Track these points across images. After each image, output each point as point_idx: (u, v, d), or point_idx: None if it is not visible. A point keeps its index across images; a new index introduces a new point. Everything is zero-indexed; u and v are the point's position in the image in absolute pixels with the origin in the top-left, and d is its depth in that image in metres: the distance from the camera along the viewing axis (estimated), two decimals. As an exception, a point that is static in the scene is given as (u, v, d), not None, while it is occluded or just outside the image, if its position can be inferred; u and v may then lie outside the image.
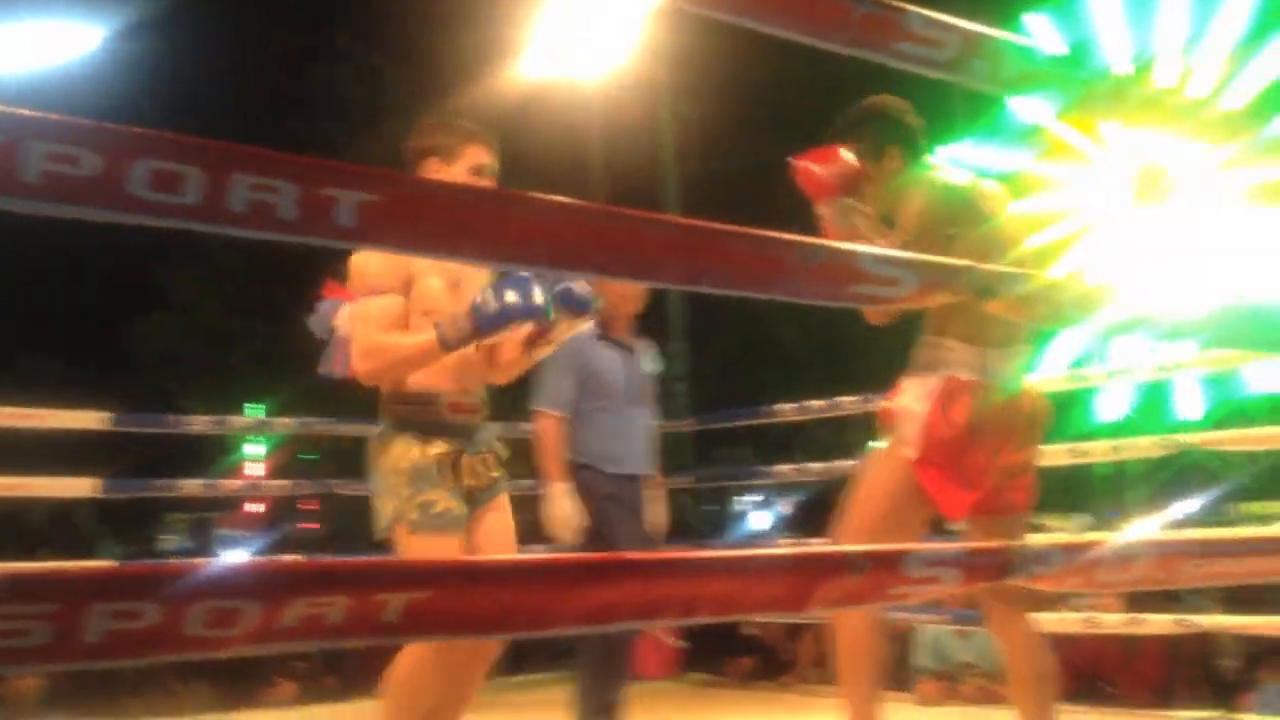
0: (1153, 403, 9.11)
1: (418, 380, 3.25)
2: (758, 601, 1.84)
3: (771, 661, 6.58)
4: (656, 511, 4.77)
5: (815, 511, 7.35)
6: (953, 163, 4.29)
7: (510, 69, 10.02)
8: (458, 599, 1.50)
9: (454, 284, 3.32)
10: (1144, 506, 10.89)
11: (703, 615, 1.78)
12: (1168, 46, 7.20)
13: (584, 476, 4.52)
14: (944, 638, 6.03)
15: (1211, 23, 7.16)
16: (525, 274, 3.03)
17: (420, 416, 3.24)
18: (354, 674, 6.36)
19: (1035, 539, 2.31)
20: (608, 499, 4.54)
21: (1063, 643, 5.70)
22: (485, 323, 3.04)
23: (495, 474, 3.37)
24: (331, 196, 1.43)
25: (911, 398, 3.23)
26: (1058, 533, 7.33)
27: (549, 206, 1.59)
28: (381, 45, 16.24)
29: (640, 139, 12.52)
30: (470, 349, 3.22)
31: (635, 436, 4.67)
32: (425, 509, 3.15)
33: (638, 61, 10.35)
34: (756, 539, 11.13)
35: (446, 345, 3.09)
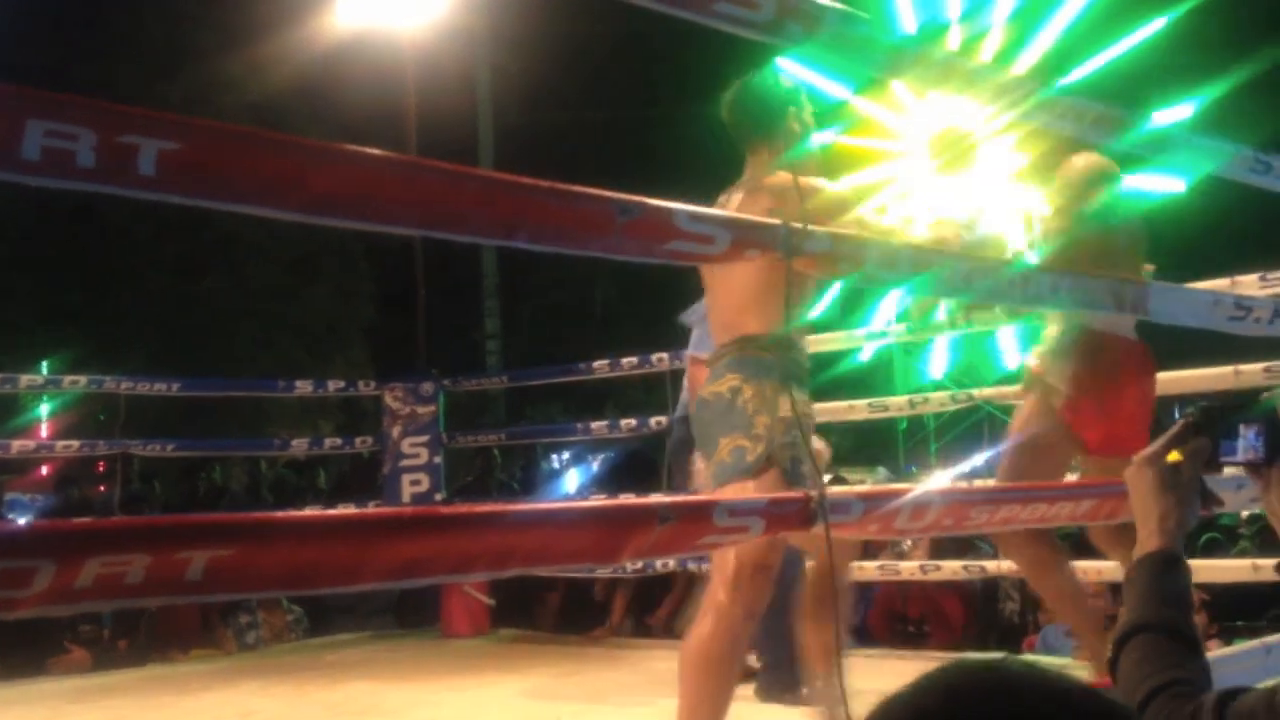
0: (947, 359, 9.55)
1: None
2: (569, 553, 1.87)
3: (584, 603, 6.64)
4: None
5: (629, 468, 7.44)
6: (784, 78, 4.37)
7: (322, 15, 9.73)
8: (262, 555, 1.48)
9: None
10: (942, 460, 11.37)
11: (514, 568, 1.79)
12: (956, 13, 7.48)
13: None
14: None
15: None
16: None
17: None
18: (148, 638, 6.18)
19: (836, 489, 2.40)
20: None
21: (879, 589, 5.97)
22: None
23: None
24: (133, 144, 1.37)
25: (1055, 350, 3.50)
26: (859, 484, 7.60)
27: (358, 158, 1.56)
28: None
29: (456, 90, 12.34)
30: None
31: None
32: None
33: (454, 10, 10.18)
34: (571, 497, 11.20)
35: None
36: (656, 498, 2.05)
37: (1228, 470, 1.60)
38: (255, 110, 12.00)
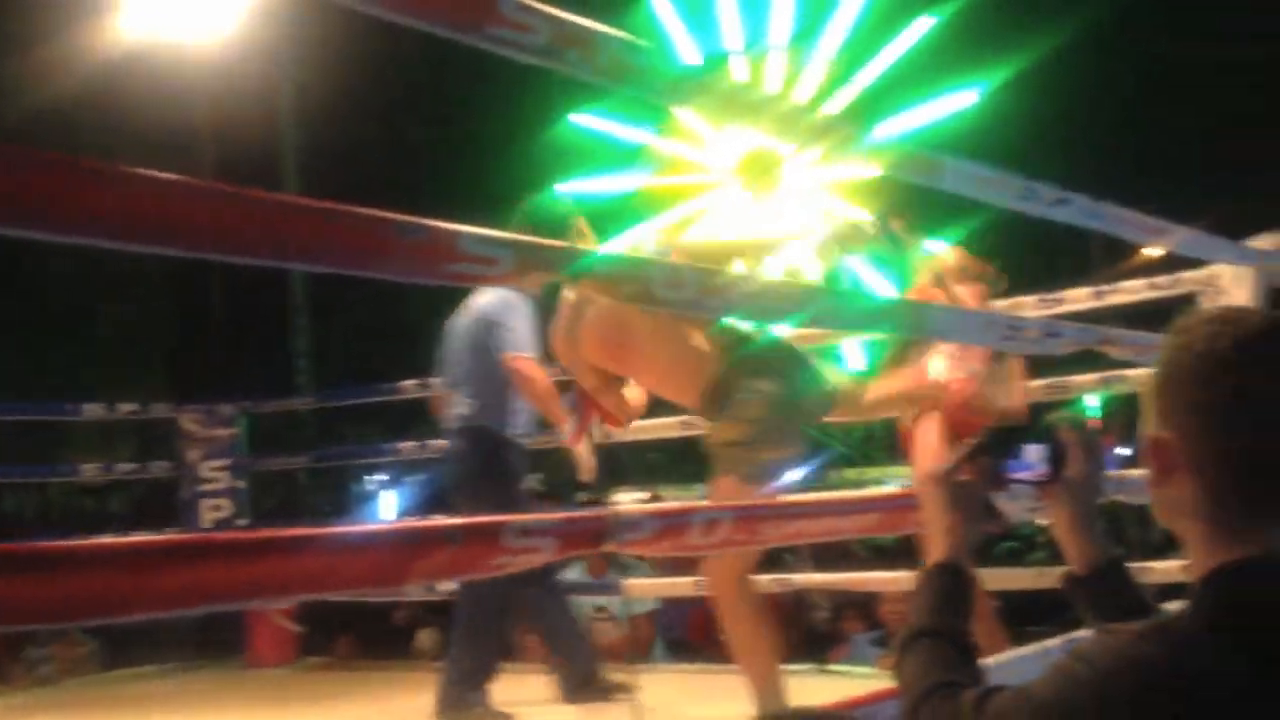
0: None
1: None
2: (355, 577, 1.84)
3: (389, 629, 6.54)
4: None
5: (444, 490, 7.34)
6: (575, 196, 4.63)
7: (110, 25, 9.34)
8: (32, 587, 1.42)
9: None
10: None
11: (297, 594, 1.76)
12: (737, 44, 7.70)
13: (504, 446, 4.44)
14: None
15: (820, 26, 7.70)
16: None
17: None
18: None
19: (628, 508, 2.43)
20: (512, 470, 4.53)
21: (685, 605, 6.03)
22: None
23: None
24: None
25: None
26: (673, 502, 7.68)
27: (121, 178, 1.50)
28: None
29: (257, 107, 12.01)
30: None
31: None
32: None
33: (254, 26, 9.94)
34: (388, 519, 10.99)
35: None
36: (446, 519, 2.04)
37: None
38: (36, 123, 11.43)
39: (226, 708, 5.25)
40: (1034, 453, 1.62)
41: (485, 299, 4.45)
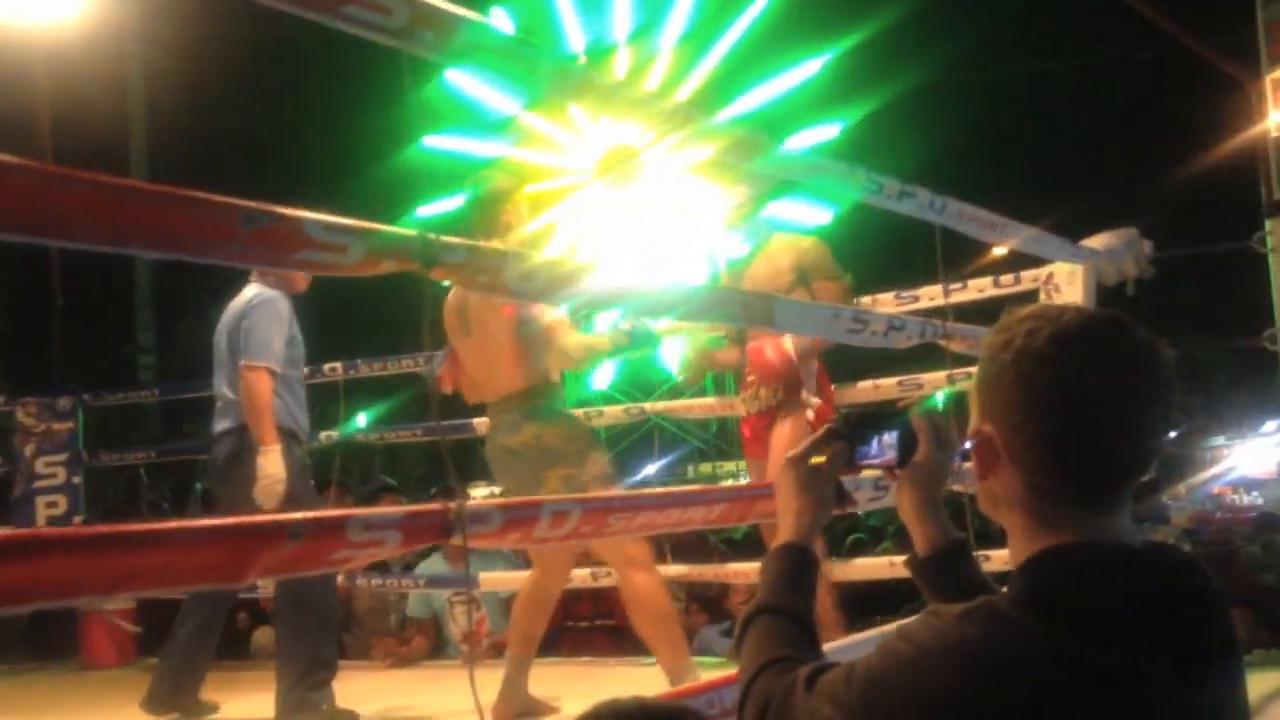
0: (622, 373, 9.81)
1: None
2: (193, 572, 1.79)
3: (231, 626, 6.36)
4: None
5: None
6: (434, 152, 4.66)
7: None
8: None
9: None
10: (616, 469, 11.65)
11: (131, 590, 1.70)
12: (621, 36, 7.75)
13: (290, 444, 4.24)
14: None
15: (664, 14, 7.77)
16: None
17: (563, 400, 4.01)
18: None
19: (475, 501, 2.42)
20: (306, 469, 4.46)
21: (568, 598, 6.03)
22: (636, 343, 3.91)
23: None
24: None
25: None
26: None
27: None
28: None
29: (107, 92, 11.60)
30: None
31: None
32: (604, 465, 3.91)
33: (102, 6, 9.57)
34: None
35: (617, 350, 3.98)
36: (286, 514, 1.99)
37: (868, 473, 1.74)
38: None
39: (63, 709, 5.06)
40: (886, 439, 1.67)
41: (242, 298, 4.37)
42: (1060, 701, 1.19)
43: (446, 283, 2.18)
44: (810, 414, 4.48)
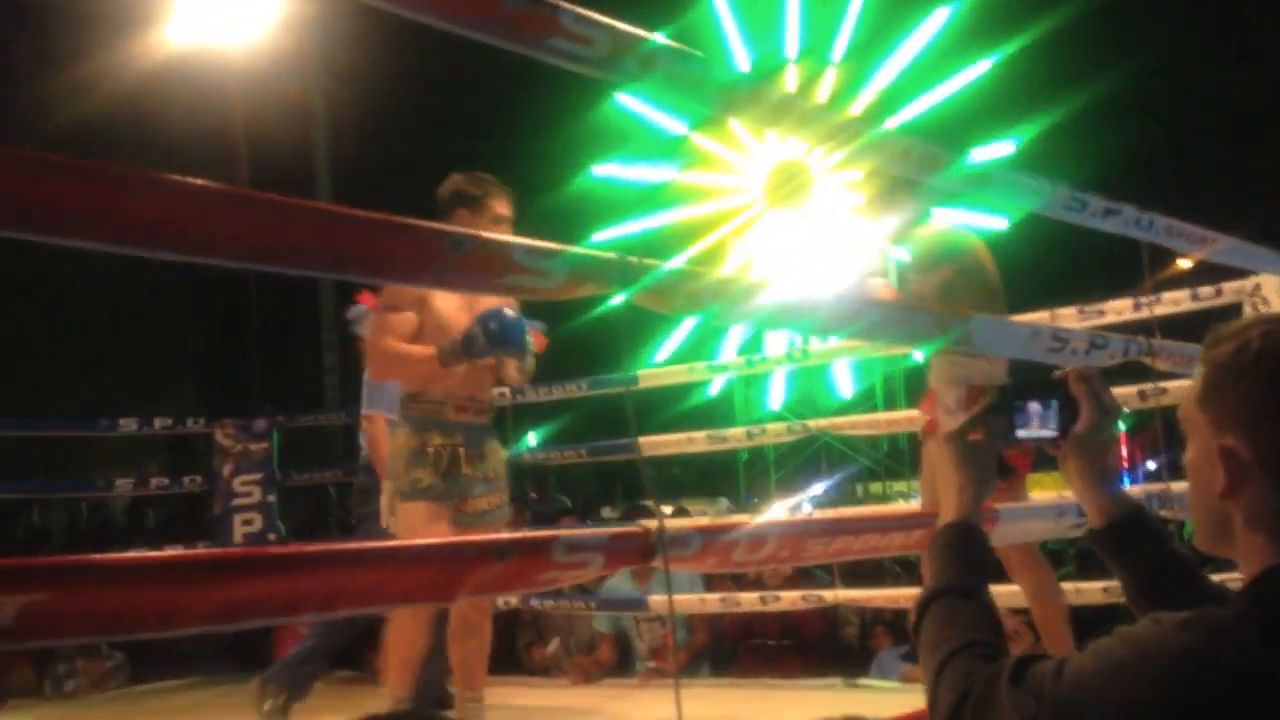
0: (791, 390, 9.75)
1: (430, 384, 3.79)
2: (405, 592, 1.82)
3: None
4: None
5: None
6: (609, 180, 4.71)
7: (147, 39, 9.42)
8: (78, 599, 1.41)
9: (468, 305, 3.73)
10: (782, 490, 11.57)
11: (345, 609, 1.75)
12: (793, 53, 7.73)
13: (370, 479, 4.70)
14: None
15: (836, 33, 7.73)
16: (510, 312, 3.61)
17: (427, 414, 3.80)
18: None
19: (675, 522, 2.41)
20: None
21: (727, 618, 6.03)
22: (475, 352, 3.61)
23: (494, 491, 3.90)
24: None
25: (951, 402, 3.75)
26: (699, 516, 7.67)
27: (178, 189, 1.49)
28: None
29: (290, 119, 12.08)
30: (482, 366, 3.80)
31: None
32: (415, 483, 3.74)
33: (285, 40, 10.00)
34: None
35: (444, 363, 3.64)
36: (495, 535, 2.03)
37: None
38: (76, 136, 11.53)
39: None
40: (1046, 409, 1.63)
41: None
42: None
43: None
44: None
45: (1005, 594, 5.11)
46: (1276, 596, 1.19)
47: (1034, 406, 1.63)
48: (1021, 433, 1.64)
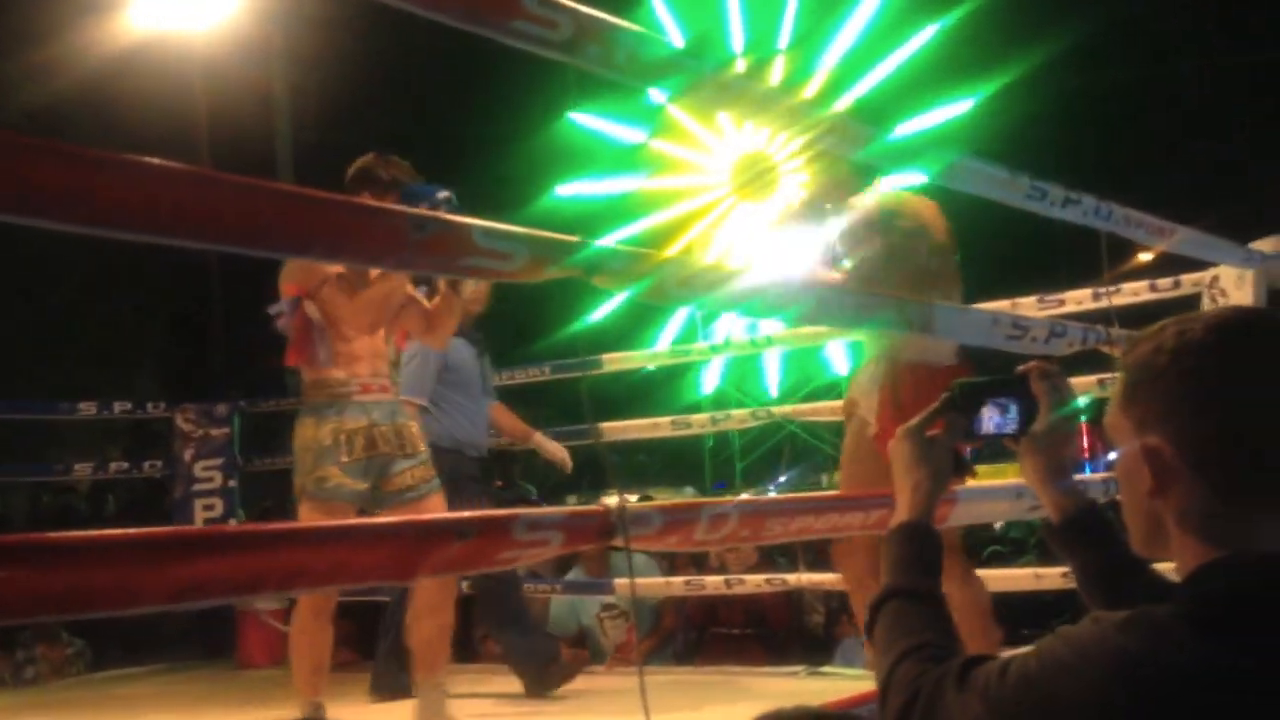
0: (749, 377, 9.76)
1: (334, 368, 3.71)
2: (364, 570, 1.83)
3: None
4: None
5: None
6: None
7: (109, 21, 9.32)
8: (32, 579, 1.41)
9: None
10: (747, 478, 11.60)
11: (304, 587, 1.76)
12: (781, 44, 7.76)
13: (452, 460, 4.60)
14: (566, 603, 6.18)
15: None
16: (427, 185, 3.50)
17: (332, 399, 3.71)
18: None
19: (635, 504, 2.43)
20: (473, 480, 4.80)
21: (687, 603, 6.05)
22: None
23: (417, 465, 3.81)
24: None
25: (867, 382, 3.62)
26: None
27: (145, 170, 1.50)
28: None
29: (251, 106, 12.00)
30: (378, 340, 3.77)
31: (484, 423, 5.04)
32: (320, 482, 3.60)
33: (247, 26, 9.92)
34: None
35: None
36: (455, 514, 2.04)
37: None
38: (34, 118, 11.40)
39: (217, 708, 5.22)
40: (1004, 406, 1.63)
41: None
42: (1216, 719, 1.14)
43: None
44: None
45: (997, 578, 5.18)
46: (1209, 593, 1.21)
47: (994, 402, 1.63)
48: (981, 429, 1.63)
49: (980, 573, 5.00)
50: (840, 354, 5.65)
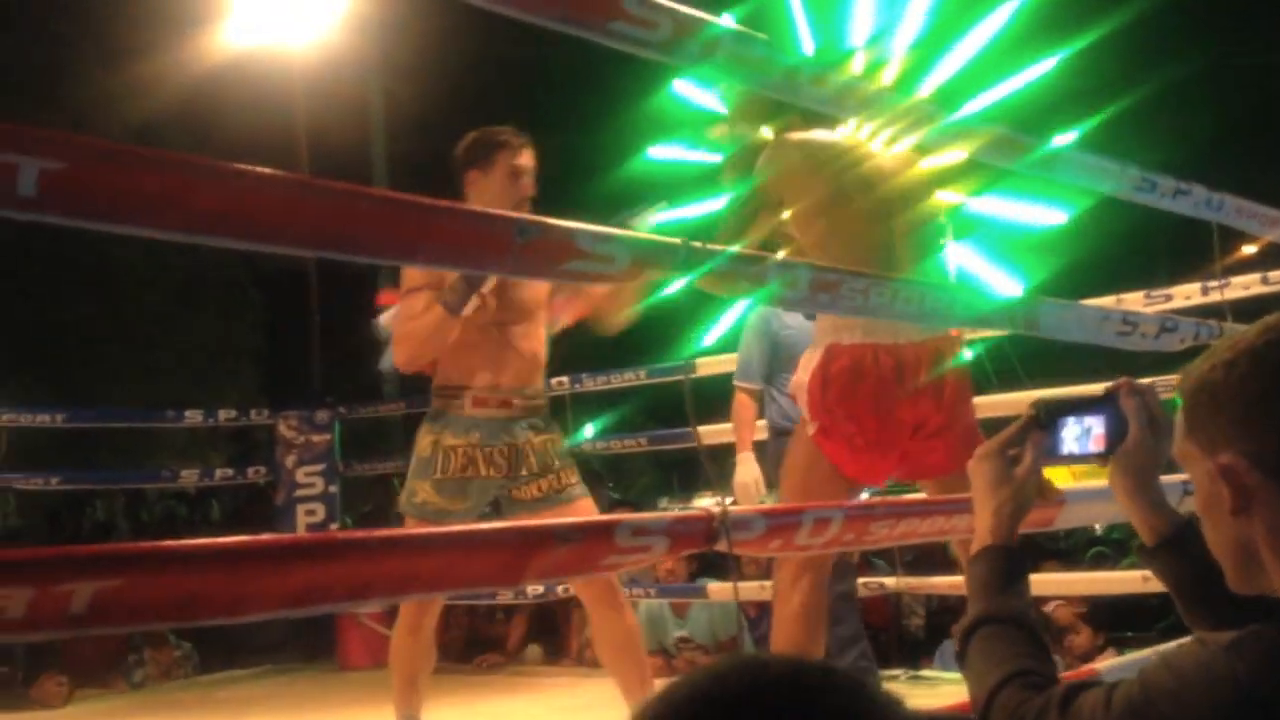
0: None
1: (449, 373, 3.51)
2: (472, 576, 1.83)
3: (481, 638, 6.57)
4: None
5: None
6: (666, 162, 4.45)
7: (208, 38, 9.55)
8: (148, 586, 1.43)
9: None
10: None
11: (413, 593, 1.76)
12: (859, 37, 7.65)
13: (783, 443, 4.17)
14: (658, 612, 6.16)
15: (902, 21, 7.66)
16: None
17: (444, 408, 3.52)
18: (26, 679, 5.89)
19: (738, 507, 2.40)
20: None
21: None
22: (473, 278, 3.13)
23: (546, 475, 3.54)
24: (11, 163, 1.32)
25: (802, 371, 3.00)
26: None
27: (249, 177, 1.51)
28: (63, 7, 15.08)
29: (348, 115, 12.19)
30: (508, 348, 3.48)
31: None
32: (410, 495, 3.52)
33: (344, 36, 10.08)
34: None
35: (450, 309, 3.21)
36: (559, 520, 2.04)
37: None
38: (138, 133, 11.69)
39: (321, 708, 5.30)
40: (1091, 425, 1.57)
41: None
42: None
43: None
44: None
45: (1061, 582, 5.06)
46: None
47: (1079, 421, 1.57)
48: (1063, 449, 1.57)
49: (1087, 575, 4.91)
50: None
